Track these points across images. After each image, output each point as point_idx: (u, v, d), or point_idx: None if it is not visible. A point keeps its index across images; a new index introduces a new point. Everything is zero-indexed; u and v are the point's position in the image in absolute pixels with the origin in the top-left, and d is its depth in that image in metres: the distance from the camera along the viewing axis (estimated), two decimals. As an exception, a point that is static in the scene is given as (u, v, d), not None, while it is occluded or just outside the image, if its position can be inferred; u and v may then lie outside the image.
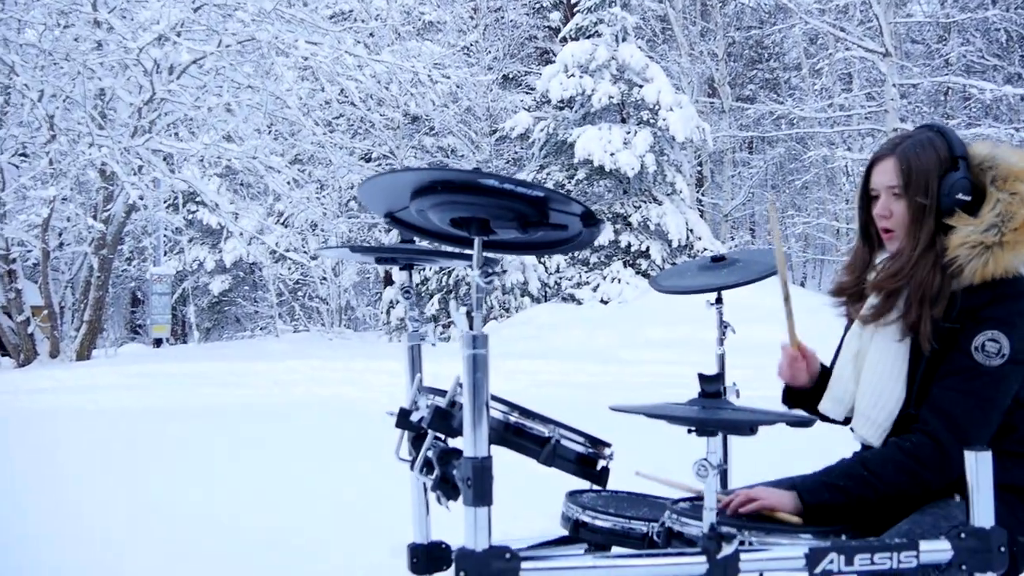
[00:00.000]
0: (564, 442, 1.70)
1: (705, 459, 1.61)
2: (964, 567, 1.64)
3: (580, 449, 1.72)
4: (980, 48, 20.43)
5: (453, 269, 16.76)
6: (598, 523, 2.02)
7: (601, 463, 1.76)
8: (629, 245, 16.84)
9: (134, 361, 11.92)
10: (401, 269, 2.37)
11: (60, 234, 14.74)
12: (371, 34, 16.48)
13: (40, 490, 4.37)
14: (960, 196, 1.86)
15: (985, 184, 1.89)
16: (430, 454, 1.79)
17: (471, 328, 1.57)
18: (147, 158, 12.63)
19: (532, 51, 25.55)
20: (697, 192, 23.45)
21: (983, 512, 1.66)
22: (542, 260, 17.01)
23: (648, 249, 16.70)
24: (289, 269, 22.09)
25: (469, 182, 1.46)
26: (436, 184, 1.50)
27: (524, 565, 1.49)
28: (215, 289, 23.91)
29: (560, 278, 17.01)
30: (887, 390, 1.91)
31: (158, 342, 18.07)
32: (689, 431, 1.64)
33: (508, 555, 1.48)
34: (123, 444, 5.60)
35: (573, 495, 2.20)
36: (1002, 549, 1.64)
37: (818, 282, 25.97)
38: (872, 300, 1.98)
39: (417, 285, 17.32)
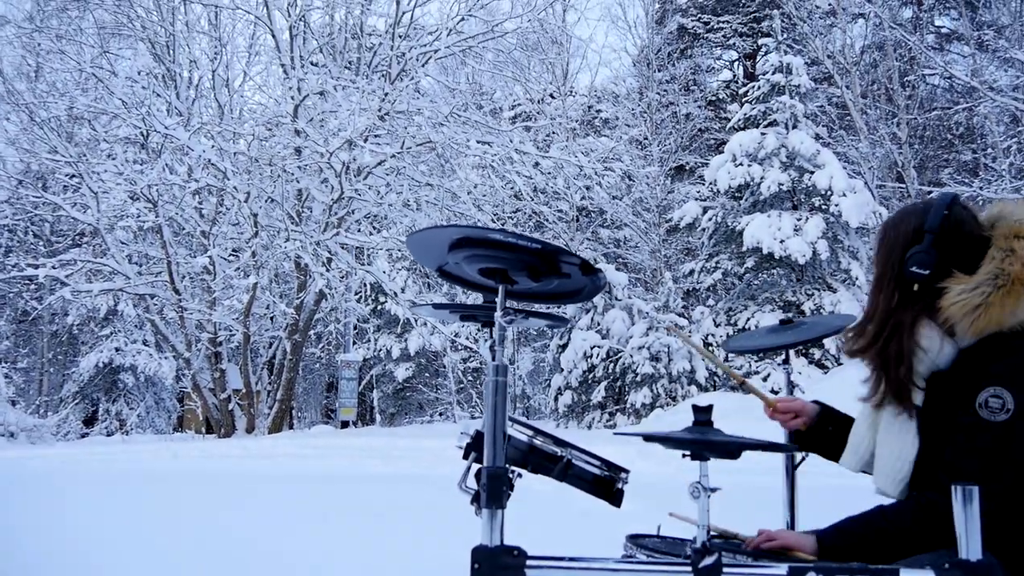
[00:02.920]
0: (577, 462, 1.95)
1: (698, 482, 1.81)
2: (948, 597, 1.67)
3: (595, 471, 1.96)
4: None
5: (620, 357, 16.90)
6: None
7: (617, 485, 1.98)
8: (802, 334, 16.31)
9: (315, 436, 12.86)
10: (483, 326, 2.70)
11: (259, 319, 16.32)
12: (547, 134, 17.35)
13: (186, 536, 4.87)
14: (915, 269, 1.92)
15: (989, 243, 1.94)
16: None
17: (494, 360, 1.89)
18: (335, 251, 13.86)
19: (711, 142, 25.77)
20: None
21: (971, 545, 1.62)
22: (710, 349, 16.81)
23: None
24: (467, 359, 22.99)
25: (480, 237, 1.80)
26: (461, 240, 1.85)
27: (529, 563, 1.74)
28: (399, 376, 25.17)
29: (729, 367, 16.69)
30: (899, 444, 1.99)
31: (344, 424, 19.32)
32: (683, 456, 1.85)
33: (516, 552, 1.73)
34: (286, 502, 6.17)
35: (634, 537, 2.38)
36: (989, 583, 1.66)
37: None
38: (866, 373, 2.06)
39: (585, 372, 17.70)
